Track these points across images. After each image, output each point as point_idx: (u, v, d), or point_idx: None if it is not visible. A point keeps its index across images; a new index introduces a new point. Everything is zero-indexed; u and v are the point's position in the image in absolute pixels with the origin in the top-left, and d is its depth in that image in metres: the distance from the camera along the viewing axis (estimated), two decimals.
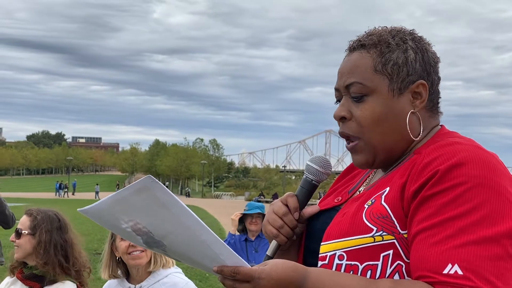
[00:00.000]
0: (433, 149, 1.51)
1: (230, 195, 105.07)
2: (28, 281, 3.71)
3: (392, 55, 1.62)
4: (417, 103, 1.63)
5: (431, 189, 1.44)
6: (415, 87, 1.62)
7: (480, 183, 1.41)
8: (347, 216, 1.59)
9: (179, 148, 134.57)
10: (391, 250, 1.48)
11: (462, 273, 1.34)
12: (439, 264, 1.37)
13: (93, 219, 1.57)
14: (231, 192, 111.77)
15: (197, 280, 12.52)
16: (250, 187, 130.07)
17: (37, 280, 3.70)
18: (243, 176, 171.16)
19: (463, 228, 1.38)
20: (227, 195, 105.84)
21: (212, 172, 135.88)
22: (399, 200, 1.50)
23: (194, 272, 13.86)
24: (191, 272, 13.97)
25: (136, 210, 1.45)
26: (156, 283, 3.50)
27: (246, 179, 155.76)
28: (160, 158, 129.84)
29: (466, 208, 1.39)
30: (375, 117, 1.61)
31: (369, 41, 1.66)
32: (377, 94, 1.61)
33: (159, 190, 1.39)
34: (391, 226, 1.49)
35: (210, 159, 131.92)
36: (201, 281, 12.86)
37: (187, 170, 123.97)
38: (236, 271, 1.43)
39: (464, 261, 1.35)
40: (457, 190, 1.41)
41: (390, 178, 1.60)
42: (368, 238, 1.50)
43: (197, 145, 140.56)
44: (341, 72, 1.69)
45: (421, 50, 1.65)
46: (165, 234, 1.49)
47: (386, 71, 1.61)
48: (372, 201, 1.56)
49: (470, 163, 1.43)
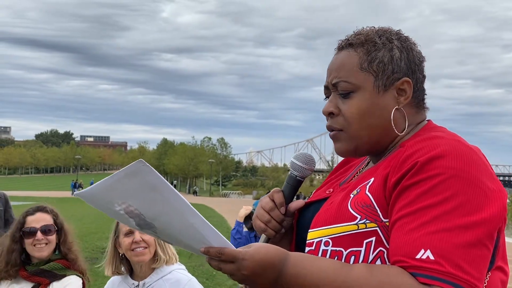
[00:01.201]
0: (415, 143, 1.57)
1: (238, 193, 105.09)
2: (36, 278, 3.71)
3: (378, 53, 1.69)
4: (401, 100, 1.69)
5: (409, 180, 1.50)
6: (399, 84, 1.68)
7: (456, 175, 1.46)
8: (333, 205, 1.67)
9: (187, 147, 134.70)
10: (373, 237, 1.54)
11: (433, 258, 1.40)
12: (413, 249, 1.43)
13: (89, 203, 1.63)
14: (239, 191, 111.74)
15: (203, 279, 12.50)
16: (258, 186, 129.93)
17: (46, 275, 3.71)
18: (251, 175, 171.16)
19: (438, 216, 1.44)
20: (235, 193, 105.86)
21: (220, 171, 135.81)
22: (382, 190, 1.57)
23: (201, 271, 13.85)
24: (198, 270, 13.97)
25: (128, 193, 1.50)
26: (160, 280, 3.51)
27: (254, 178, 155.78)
28: (168, 157, 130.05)
29: (441, 197, 1.45)
30: (360, 112, 1.68)
31: (357, 40, 1.73)
32: (363, 91, 1.68)
33: (150, 173, 1.44)
34: (374, 215, 1.55)
35: (218, 158, 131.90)
36: (208, 279, 12.84)
37: (195, 169, 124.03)
38: (221, 251, 1.50)
39: (436, 247, 1.41)
40: (433, 181, 1.47)
41: (376, 169, 1.67)
42: (352, 225, 1.57)
43: (205, 144, 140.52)
44: (330, 70, 1.76)
45: (406, 49, 1.72)
46: (156, 217, 1.53)
47: (371, 68, 1.68)
48: (357, 191, 1.63)
49: (448, 156, 1.49)
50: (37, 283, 3.70)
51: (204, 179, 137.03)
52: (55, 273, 3.72)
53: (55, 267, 3.73)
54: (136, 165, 1.43)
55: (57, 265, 3.74)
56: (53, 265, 3.74)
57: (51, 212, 3.88)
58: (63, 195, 70.57)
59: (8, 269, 3.71)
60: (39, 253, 3.72)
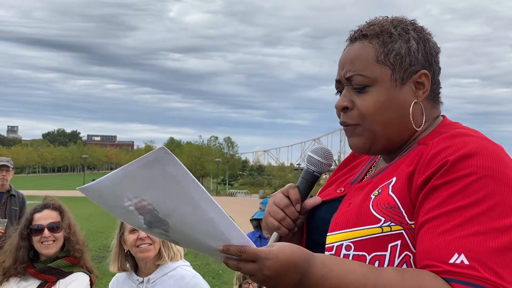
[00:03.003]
0: (441, 140, 1.50)
1: (244, 193, 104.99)
2: (43, 275, 3.74)
3: (395, 45, 1.61)
4: (420, 93, 1.62)
5: (439, 179, 1.43)
6: (417, 77, 1.61)
7: (489, 175, 1.40)
8: (353, 206, 1.58)
9: (194, 146, 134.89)
10: (399, 241, 1.47)
11: (468, 263, 1.33)
12: (445, 253, 1.35)
13: (92, 198, 1.50)
14: (245, 190, 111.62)
15: (210, 277, 12.54)
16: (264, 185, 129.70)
17: (53, 273, 3.74)
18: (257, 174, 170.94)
19: (471, 218, 1.37)
20: (242, 193, 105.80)
21: (227, 170, 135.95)
22: (406, 191, 1.49)
23: (207, 270, 13.88)
24: (204, 269, 13.99)
25: (143, 185, 1.38)
26: (164, 276, 3.53)
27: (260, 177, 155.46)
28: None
29: (474, 198, 1.38)
30: (377, 107, 1.60)
31: (371, 31, 1.64)
32: (379, 85, 1.60)
33: (171, 163, 1.33)
34: (399, 217, 1.48)
35: (224, 157, 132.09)
36: (214, 278, 12.87)
37: (202, 168, 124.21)
38: (242, 250, 1.39)
39: (470, 251, 1.34)
40: (465, 181, 1.40)
41: (396, 167, 1.59)
42: (376, 228, 1.49)
43: (211, 143, 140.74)
44: (343, 62, 1.67)
45: (423, 40, 1.65)
46: (170, 212, 1.42)
47: (388, 61, 1.60)
48: (379, 191, 1.55)
49: (479, 155, 1.42)
50: (45, 281, 3.73)
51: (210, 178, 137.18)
52: (62, 270, 3.75)
53: (61, 265, 3.76)
54: (157, 153, 1.32)
55: (64, 262, 3.77)
56: (60, 262, 3.77)
57: (58, 209, 3.90)
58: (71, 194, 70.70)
59: (17, 266, 3.75)
60: (47, 250, 3.76)
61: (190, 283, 3.51)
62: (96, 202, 1.52)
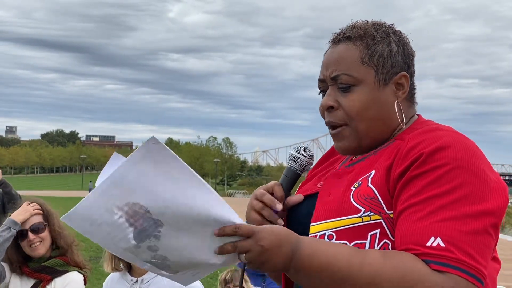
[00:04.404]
0: (417, 135, 1.59)
1: (243, 193, 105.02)
2: (37, 274, 3.72)
3: (378, 47, 1.69)
4: (399, 94, 1.72)
5: (415, 170, 1.52)
6: (398, 78, 1.71)
7: (461, 166, 1.49)
8: (334, 198, 1.65)
9: (192, 146, 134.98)
10: (378, 230, 1.55)
11: (444, 246, 1.42)
12: (423, 237, 1.45)
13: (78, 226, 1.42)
14: (244, 190, 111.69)
15: (207, 277, 12.50)
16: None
17: (47, 271, 3.72)
18: (256, 174, 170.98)
19: (445, 205, 1.46)
20: (241, 193, 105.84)
21: (225, 170, 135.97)
22: (384, 182, 1.58)
23: None
24: None
25: (134, 186, 1.36)
26: (158, 276, 3.49)
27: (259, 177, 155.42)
28: None
29: (447, 187, 1.47)
30: (362, 106, 1.67)
31: (355, 33, 1.72)
32: (364, 85, 1.68)
33: (162, 152, 1.33)
34: (378, 207, 1.56)
35: (223, 157, 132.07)
36: (212, 278, 12.84)
37: (200, 168, 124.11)
38: (237, 226, 1.45)
39: (445, 235, 1.43)
40: (440, 171, 1.49)
41: (374, 161, 1.66)
42: (356, 218, 1.56)
43: (210, 143, 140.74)
44: (327, 63, 1.74)
45: (402, 44, 1.74)
46: (164, 209, 1.39)
47: (372, 62, 1.68)
48: (358, 184, 1.62)
49: (452, 147, 1.51)
50: (39, 280, 3.72)
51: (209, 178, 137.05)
52: (57, 269, 3.73)
53: (56, 263, 3.74)
54: (148, 146, 1.32)
55: (58, 261, 3.76)
56: (54, 261, 3.75)
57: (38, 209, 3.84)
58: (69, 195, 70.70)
59: (14, 267, 3.76)
60: (36, 252, 3.74)
61: None
62: (80, 229, 1.43)
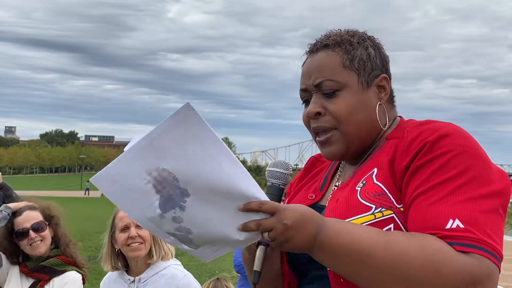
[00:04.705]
0: (414, 128, 1.64)
1: None
2: (36, 274, 3.72)
3: (356, 52, 1.73)
4: (382, 96, 1.76)
5: (421, 159, 1.55)
6: (379, 80, 1.75)
7: (466, 151, 1.53)
8: (341, 201, 1.66)
9: None
10: (391, 224, 1.55)
11: (463, 227, 1.44)
12: (441, 221, 1.46)
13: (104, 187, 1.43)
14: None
15: (206, 277, 12.49)
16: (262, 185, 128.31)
17: (45, 271, 3.72)
18: (255, 174, 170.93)
19: (456, 189, 1.49)
20: None
21: None
22: (390, 177, 1.60)
23: (203, 269, 13.88)
24: (200, 269, 13.99)
25: (165, 151, 1.36)
26: (155, 275, 3.52)
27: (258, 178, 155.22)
28: None
29: (455, 171, 1.51)
30: (349, 109, 1.69)
31: (332, 41, 1.75)
32: (348, 88, 1.70)
33: (195, 120, 1.32)
34: (388, 202, 1.57)
35: None
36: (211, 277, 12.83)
37: None
38: (263, 202, 1.45)
39: (463, 216, 1.45)
40: (446, 157, 1.52)
41: (374, 160, 1.68)
42: (369, 216, 1.57)
43: None
44: (309, 72, 1.76)
45: (378, 48, 1.79)
46: (192, 178, 1.39)
47: (353, 66, 1.71)
48: (363, 183, 1.64)
49: (454, 135, 1.56)
50: (37, 279, 3.71)
51: None
52: (55, 269, 3.73)
53: (54, 263, 3.74)
54: (181, 112, 1.30)
55: (57, 261, 3.76)
56: (53, 261, 3.75)
57: (39, 207, 3.86)
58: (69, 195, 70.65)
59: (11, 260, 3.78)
60: (37, 251, 3.74)
61: (181, 282, 3.50)
62: (107, 192, 1.44)
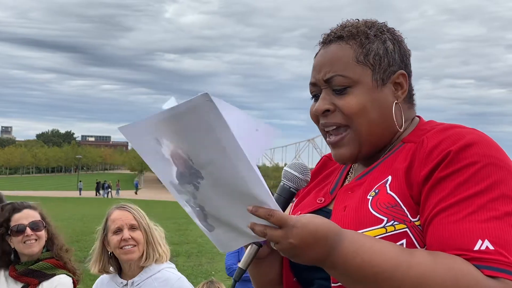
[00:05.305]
0: (434, 134, 1.49)
1: None
2: (24, 278, 3.66)
3: (373, 45, 1.59)
4: (399, 94, 1.61)
5: (444, 170, 1.41)
6: (396, 77, 1.60)
7: (492, 162, 1.40)
8: (350, 210, 1.53)
9: None
10: (404, 240, 1.42)
11: (493, 248, 1.31)
12: (468, 241, 1.33)
13: (131, 140, 1.45)
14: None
15: (202, 278, 12.41)
16: None
17: (34, 275, 3.65)
18: None
19: (484, 205, 1.35)
20: None
21: None
22: (406, 188, 1.46)
23: (199, 271, 13.82)
24: (196, 270, 13.92)
25: (181, 132, 1.33)
26: (149, 279, 3.45)
27: None
28: None
29: (483, 186, 1.37)
30: (361, 108, 1.56)
31: (347, 32, 1.61)
32: (361, 85, 1.57)
33: (211, 111, 1.25)
34: (401, 215, 1.44)
35: None
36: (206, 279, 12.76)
37: None
38: (271, 213, 1.33)
39: (492, 236, 1.32)
40: (472, 169, 1.39)
41: (388, 167, 1.56)
42: (379, 229, 1.44)
43: None
44: (320, 65, 1.62)
45: (398, 42, 1.64)
46: (206, 163, 1.35)
47: (368, 61, 1.58)
48: (375, 192, 1.51)
49: (479, 144, 1.42)
50: (26, 284, 3.65)
51: None
52: (44, 272, 3.67)
53: (44, 267, 3.68)
54: (199, 99, 1.25)
55: (46, 264, 3.70)
56: (42, 264, 3.69)
57: (38, 208, 3.84)
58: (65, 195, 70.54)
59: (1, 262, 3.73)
60: (30, 249, 3.68)
61: (175, 285, 3.44)
62: (134, 144, 1.47)
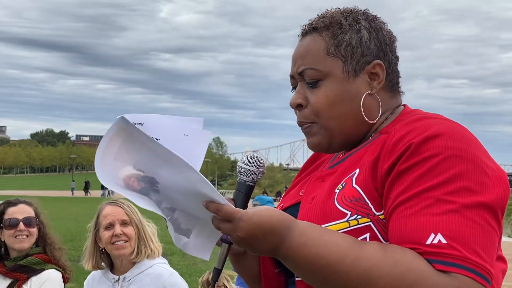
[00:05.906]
0: (403, 125, 1.46)
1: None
2: (13, 274, 3.64)
3: (345, 36, 1.57)
4: (374, 84, 1.58)
5: (405, 163, 1.39)
6: (371, 67, 1.57)
7: (455, 154, 1.36)
8: (317, 202, 1.53)
9: None
10: (367, 233, 1.42)
11: (446, 242, 1.29)
12: (421, 234, 1.31)
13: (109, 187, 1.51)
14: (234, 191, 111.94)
15: (196, 277, 12.39)
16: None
17: (23, 270, 3.64)
18: None
19: (441, 198, 1.33)
20: (231, 193, 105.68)
21: (216, 171, 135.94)
22: (371, 181, 1.45)
23: (194, 269, 13.79)
24: (191, 269, 13.90)
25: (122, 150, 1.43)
26: (140, 274, 3.44)
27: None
28: None
29: (442, 178, 1.34)
30: (329, 101, 1.56)
31: (321, 23, 1.60)
32: (331, 78, 1.56)
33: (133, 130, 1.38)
34: (365, 209, 1.43)
35: (213, 157, 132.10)
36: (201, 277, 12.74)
37: None
38: (219, 208, 1.38)
39: (446, 230, 1.30)
40: (432, 161, 1.36)
41: (357, 158, 1.55)
42: (343, 223, 1.43)
43: None
44: (295, 58, 1.64)
45: (375, 29, 1.60)
46: (154, 170, 1.44)
47: (339, 53, 1.56)
48: (343, 185, 1.50)
49: (443, 135, 1.39)
50: (15, 279, 3.64)
51: None
52: (33, 267, 3.66)
53: (32, 262, 3.67)
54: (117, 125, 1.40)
55: (35, 259, 3.68)
56: (31, 259, 3.68)
57: (33, 205, 3.84)
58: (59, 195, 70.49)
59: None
60: (20, 245, 3.66)
61: (167, 281, 3.42)
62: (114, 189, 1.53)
